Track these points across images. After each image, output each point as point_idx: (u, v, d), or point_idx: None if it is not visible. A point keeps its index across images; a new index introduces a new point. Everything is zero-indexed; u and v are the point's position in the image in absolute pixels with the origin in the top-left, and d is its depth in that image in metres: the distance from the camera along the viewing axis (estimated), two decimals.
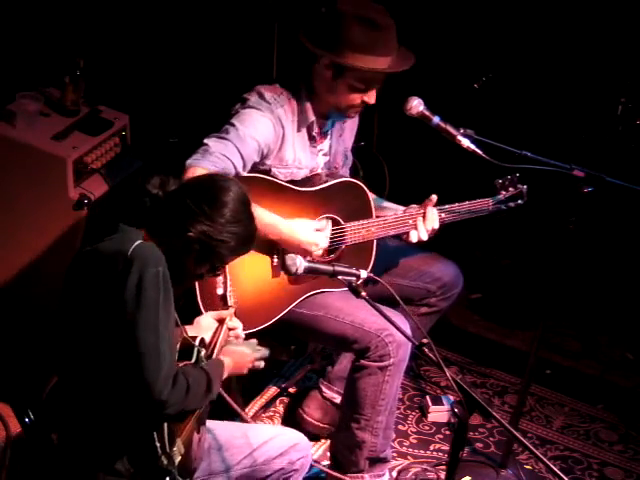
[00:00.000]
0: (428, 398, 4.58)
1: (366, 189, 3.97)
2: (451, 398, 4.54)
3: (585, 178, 3.70)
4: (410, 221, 3.94)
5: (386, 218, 3.94)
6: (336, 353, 4.40)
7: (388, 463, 4.10)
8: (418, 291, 4.12)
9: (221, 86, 5.07)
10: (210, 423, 3.32)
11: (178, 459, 3.05)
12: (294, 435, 3.51)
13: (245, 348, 3.33)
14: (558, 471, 3.12)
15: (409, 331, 3.54)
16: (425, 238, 3.94)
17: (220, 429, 3.38)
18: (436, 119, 3.83)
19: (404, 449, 4.40)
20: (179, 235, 3.01)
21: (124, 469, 3.02)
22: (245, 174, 3.70)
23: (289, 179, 3.86)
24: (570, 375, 4.86)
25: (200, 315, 3.45)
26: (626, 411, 4.69)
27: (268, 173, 3.82)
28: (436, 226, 3.94)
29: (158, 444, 2.99)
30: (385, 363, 3.87)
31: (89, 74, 4.40)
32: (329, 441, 4.21)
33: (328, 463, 4.13)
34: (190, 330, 3.36)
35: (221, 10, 5.12)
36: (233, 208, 3.03)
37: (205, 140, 3.66)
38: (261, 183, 3.76)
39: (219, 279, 3.54)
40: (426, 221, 3.93)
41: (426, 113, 3.84)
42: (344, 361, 4.33)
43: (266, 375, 4.62)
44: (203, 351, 3.23)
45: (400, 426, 4.47)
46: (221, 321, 3.40)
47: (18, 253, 4.38)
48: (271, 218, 3.72)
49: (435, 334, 4.11)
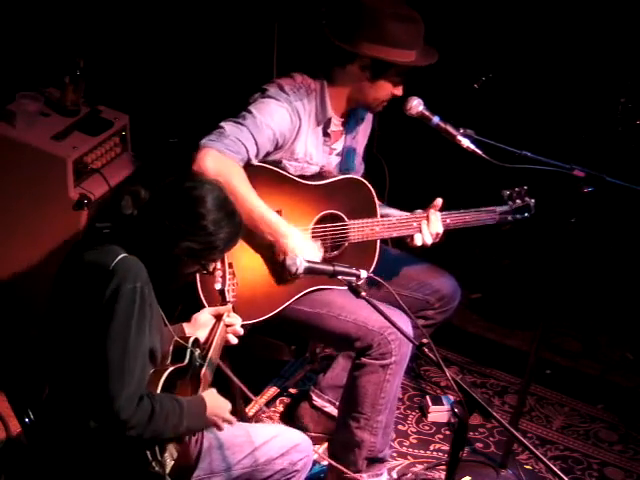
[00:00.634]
0: (428, 398, 4.58)
1: (371, 188, 3.97)
2: (451, 398, 4.54)
3: (585, 178, 3.70)
4: (414, 224, 3.92)
5: (390, 219, 3.93)
6: (337, 351, 4.39)
7: (386, 463, 4.10)
8: (417, 302, 4.10)
9: (221, 86, 5.07)
10: None
11: (170, 464, 3.04)
12: (295, 435, 3.51)
13: (226, 402, 3.22)
14: (558, 471, 3.12)
15: (410, 330, 3.54)
16: (429, 242, 3.91)
17: None
18: (436, 119, 3.83)
19: (404, 449, 4.40)
20: (165, 253, 3.01)
21: (115, 476, 3.01)
22: (256, 163, 3.70)
23: (299, 174, 3.86)
24: (570, 375, 4.86)
25: (199, 311, 3.45)
26: (626, 411, 4.69)
27: (279, 165, 3.82)
28: (440, 230, 3.91)
29: (148, 451, 2.98)
30: (387, 361, 3.86)
31: (89, 74, 4.41)
32: (327, 442, 4.22)
33: (327, 463, 4.13)
34: (187, 327, 3.36)
35: (221, 10, 5.11)
36: (213, 217, 3.02)
37: (222, 123, 3.67)
38: (268, 173, 3.76)
39: (217, 273, 3.53)
40: (430, 224, 3.90)
41: (426, 113, 3.84)
42: (337, 369, 4.32)
43: (266, 375, 4.62)
44: (197, 351, 3.23)
45: (400, 426, 4.47)
46: (219, 317, 3.39)
47: (18, 253, 4.38)
48: (274, 218, 3.70)
49: (435, 334, 4.13)
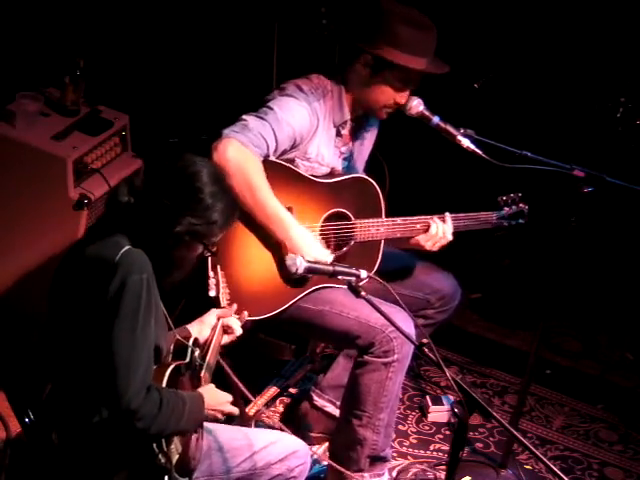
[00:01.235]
0: (428, 398, 4.58)
1: (378, 188, 3.97)
2: (451, 398, 4.54)
3: (585, 178, 3.70)
4: (418, 226, 3.93)
5: (395, 219, 3.94)
6: (339, 349, 4.39)
7: (388, 462, 4.10)
8: (417, 302, 4.10)
9: (221, 86, 5.07)
10: (210, 425, 3.31)
11: (176, 457, 3.05)
12: (294, 442, 3.50)
13: (225, 395, 3.23)
14: (558, 471, 3.12)
15: (411, 329, 3.54)
16: (436, 248, 3.94)
17: (220, 430, 3.37)
18: (436, 119, 3.84)
19: (404, 449, 4.40)
20: (167, 233, 3.02)
21: (122, 468, 3.02)
22: (273, 159, 3.71)
23: (310, 173, 3.86)
24: (570, 375, 4.86)
25: (205, 312, 3.45)
26: (626, 411, 4.69)
27: (292, 163, 3.83)
28: (449, 232, 3.94)
29: (154, 443, 2.99)
30: (389, 359, 3.86)
31: (89, 74, 4.40)
32: (329, 440, 4.22)
33: (327, 463, 4.13)
34: (193, 327, 3.37)
35: (221, 10, 5.11)
36: (210, 190, 3.03)
37: (244, 116, 3.68)
38: (282, 170, 3.76)
39: (211, 281, 3.55)
40: (441, 225, 3.93)
41: (426, 113, 3.84)
42: (337, 369, 4.32)
43: (266, 375, 4.62)
44: (197, 351, 3.24)
45: (400, 426, 4.47)
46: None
47: (18, 253, 4.37)
48: (285, 216, 3.71)
49: (435, 334, 4.12)
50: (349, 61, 3.82)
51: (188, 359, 3.19)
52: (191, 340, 3.25)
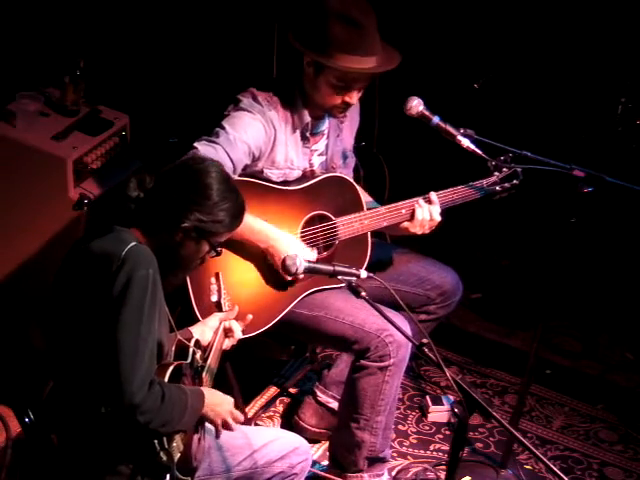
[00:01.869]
0: (428, 398, 4.58)
1: (353, 182, 3.95)
2: (451, 398, 4.54)
3: (585, 178, 3.70)
4: (403, 211, 3.90)
5: (378, 210, 3.91)
6: (336, 354, 4.40)
7: (387, 463, 4.10)
8: (418, 298, 4.10)
9: (221, 86, 5.07)
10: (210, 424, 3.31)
11: (177, 455, 3.06)
12: (294, 439, 3.51)
13: (229, 399, 3.25)
14: (558, 471, 3.12)
15: (409, 331, 3.54)
16: (426, 221, 3.87)
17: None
18: (436, 119, 3.83)
19: (404, 449, 4.40)
20: (174, 228, 3.05)
21: (124, 466, 3.02)
22: (235, 177, 3.70)
23: (282, 179, 3.85)
24: (570, 375, 4.86)
25: (195, 323, 3.46)
26: (626, 411, 4.69)
27: (260, 174, 3.82)
28: (436, 216, 3.89)
29: (156, 440, 2.99)
30: (385, 363, 3.86)
31: (89, 74, 4.40)
32: (328, 441, 4.22)
33: (327, 463, 4.13)
34: (195, 329, 3.38)
35: (221, 10, 5.12)
36: (218, 188, 3.07)
37: (195, 144, 3.66)
38: (248, 186, 3.71)
39: (212, 286, 3.56)
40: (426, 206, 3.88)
41: (426, 113, 3.84)
42: (341, 365, 4.33)
43: (266, 375, 4.62)
44: (199, 353, 3.24)
45: (400, 426, 4.47)
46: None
47: (18, 253, 4.38)
48: (261, 226, 3.71)
49: (435, 334, 4.13)
50: (300, 66, 3.78)
51: (190, 360, 3.20)
52: (193, 341, 3.25)
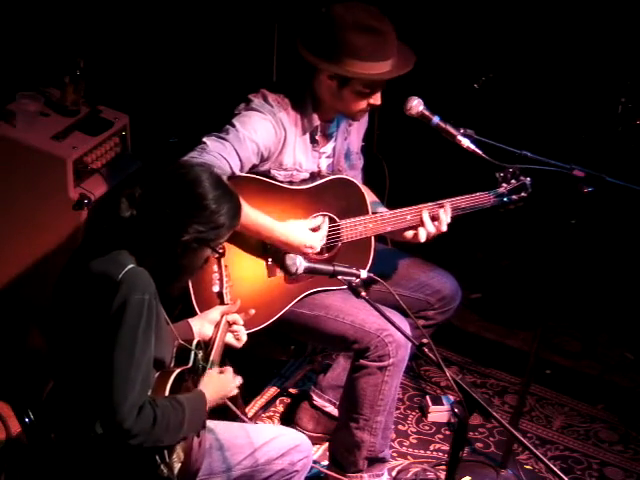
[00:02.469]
0: (428, 398, 4.58)
1: (360, 185, 3.96)
2: (451, 398, 4.54)
3: (585, 178, 3.70)
4: (408, 217, 3.91)
5: (383, 214, 3.92)
6: (335, 355, 4.40)
7: (387, 463, 4.10)
8: (418, 303, 4.09)
9: (221, 87, 5.07)
10: (211, 423, 3.31)
11: (178, 467, 3.04)
12: (295, 436, 3.51)
13: (227, 376, 3.26)
14: (558, 471, 3.12)
15: (409, 331, 3.53)
16: (432, 231, 3.88)
17: (221, 428, 3.37)
18: (436, 119, 3.83)
19: (404, 449, 4.40)
20: (174, 243, 3.00)
21: (124, 478, 3.02)
22: (243, 174, 3.70)
23: (288, 180, 3.85)
24: (570, 375, 4.86)
25: (194, 316, 3.45)
26: (626, 411, 4.69)
27: (268, 174, 3.82)
28: (444, 228, 3.89)
29: (156, 455, 2.98)
30: (384, 363, 3.86)
31: (89, 74, 4.40)
32: (328, 442, 4.22)
33: (327, 463, 4.13)
34: (194, 322, 3.37)
35: (221, 11, 5.12)
36: (213, 196, 3.02)
37: (204, 139, 3.66)
38: (253, 183, 3.75)
39: (214, 276, 3.54)
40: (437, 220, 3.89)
41: (426, 113, 3.83)
42: (337, 369, 4.33)
43: (266, 375, 4.62)
44: (200, 353, 3.23)
45: (400, 426, 4.47)
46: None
47: (18, 253, 4.38)
48: (264, 220, 3.71)
49: (435, 334, 4.13)
50: (312, 73, 3.78)
51: (191, 363, 3.19)
52: (194, 343, 3.24)
